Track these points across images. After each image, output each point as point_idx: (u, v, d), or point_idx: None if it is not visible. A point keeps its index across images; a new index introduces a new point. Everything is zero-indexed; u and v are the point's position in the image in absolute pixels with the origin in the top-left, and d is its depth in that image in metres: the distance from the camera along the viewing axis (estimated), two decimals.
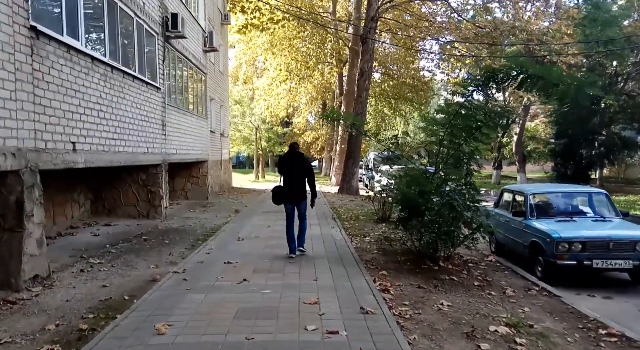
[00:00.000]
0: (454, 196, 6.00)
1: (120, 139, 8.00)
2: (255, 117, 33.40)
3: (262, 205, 14.74)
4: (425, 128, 7.95)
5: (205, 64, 15.40)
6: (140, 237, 8.30)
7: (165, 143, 10.65)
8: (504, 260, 7.63)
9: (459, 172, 6.34)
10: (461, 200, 5.98)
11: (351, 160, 19.53)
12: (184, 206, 13.69)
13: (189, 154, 12.93)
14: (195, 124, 13.82)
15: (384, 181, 10.99)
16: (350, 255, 7.15)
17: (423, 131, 8.11)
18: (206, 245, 7.76)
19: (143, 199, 10.27)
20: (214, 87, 19.23)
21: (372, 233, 9.33)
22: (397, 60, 30.17)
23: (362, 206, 14.50)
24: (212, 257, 6.91)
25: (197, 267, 6.24)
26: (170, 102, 11.19)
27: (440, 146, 6.79)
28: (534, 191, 7.79)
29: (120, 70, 7.97)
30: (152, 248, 7.49)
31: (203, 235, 8.82)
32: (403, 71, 30.96)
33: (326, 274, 5.96)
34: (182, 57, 12.30)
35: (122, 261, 6.52)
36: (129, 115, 8.43)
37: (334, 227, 10.02)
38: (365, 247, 7.95)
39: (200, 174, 15.47)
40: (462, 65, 26.92)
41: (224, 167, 21.71)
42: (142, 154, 9.09)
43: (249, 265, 6.35)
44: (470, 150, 6.65)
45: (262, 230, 9.43)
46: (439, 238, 6.07)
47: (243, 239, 8.43)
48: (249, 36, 25.93)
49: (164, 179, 10.47)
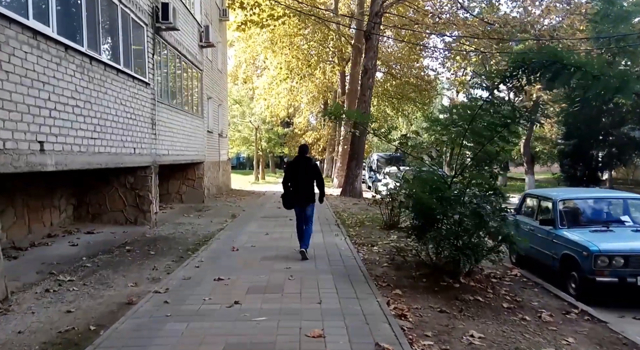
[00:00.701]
0: (482, 204, 5.17)
1: (101, 138, 7.19)
2: (255, 117, 32.61)
3: (261, 209, 13.93)
4: (429, 128, 7.13)
5: (201, 60, 14.60)
6: (123, 247, 7.48)
7: (156, 143, 9.84)
8: (528, 274, 6.80)
9: (484, 176, 5.51)
10: (489, 208, 5.14)
11: (354, 161, 18.69)
12: (177, 210, 12.88)
13: (182, 155, 12.12)
14: (190, 123, 13.01)
15: (391, 184, 10.18)
16: (358, 270, 6.33)
17: (426, 132, 7.25)
18: (196, 257, 6.94)
19: (130, 203, 9.45)
20: (211, 86, 18.44)
21: (381, 242, 8.51)
22: (401, 59, 29.40)
23: (366, 210, 13.68)
24: (202, 271, 6.09)
25: (182, 285, 5.42)
26: (161, 99, 10.39)
27: (461, 147, 5.96)
28: (564, 196, 6.95)
29: (101, 62, 7.17)
30: (135, 261, 6.67)
31: (194, 245, 8.00)
32: (406, 70, 30.20)
33: (332, 294, 5.13)
34: (175, 51, 11.50)
35: (97, 278, 5.70)
36: (112, 112, 7.62)
37: (338, 234, 9.20)
38: (374, 259, 7.12)
39: (196, 176, 14.67)
40: (468, 63, 26.13)
41: (222, 168, 20.91)
42: (127, 155, 8.29)
43: (243, 283, 5.53)
44: (495, 150, 5.83)
45: (259, 239, 8.61)
46: (462, 253, 5.24)
47: (238, 249, 7.62)
48: (249, 33, 25.15)
49: (154, 182, 9.66)
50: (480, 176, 5.47)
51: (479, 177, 5.45)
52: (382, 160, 24.73)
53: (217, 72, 19.93)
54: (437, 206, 5.64)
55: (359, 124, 7.40)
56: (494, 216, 5.07)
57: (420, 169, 7.17)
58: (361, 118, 6.51)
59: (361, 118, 6.51)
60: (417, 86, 28.99)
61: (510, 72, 5.57)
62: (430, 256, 6.35)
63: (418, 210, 6.45)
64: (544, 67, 5.35)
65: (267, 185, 28.51)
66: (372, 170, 24.86)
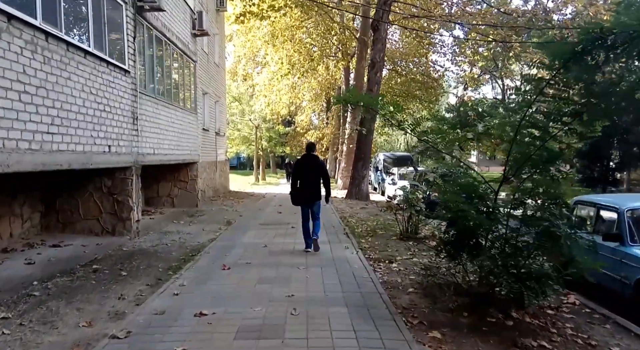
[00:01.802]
0: (555, 220, 3.84)
1: (62, 133, 5.89)
2: (255, 115, 31.28)
3: (260, 214, 12.62)
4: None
5: (194, 51, 13.30)
6: (90, 266, 6.17)
7: (138, 141, 8.54)
8: (587, 300, 5.48)
9: (554, 182, 4.16)
10: (565, 227, 3.80)
11: (361, 161, 17.39)
12: (168, 216, 11.59)
13: (171, 155, 10.82)
14: (181, 119, 11.71)
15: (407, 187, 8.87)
16: (378, 298, 5.01)
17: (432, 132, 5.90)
18: (177, 279, 5.64)
19: (107, 210, 8.16)
20: (207, 80, 17.16)
21: (400, 257, 7.20)
22: (407, 55, 28.09)
23: (376, 216, 12.38)
24: (181, 301, 4.79)
25: (151, 325, 4.11)
26: (145, 91, 9.09)
27: (513, 143, 4.64)
28: (632, 205, 5.61)
29: (62, 41, 5.87)
30: (99, 285, 5.36)
31: (178, 261, 6.70)
32: (412, 67, 28.89)
33: (349, 340, 3.82)
34: (162, 37, 10.19)
35: (42, 314, 4.39)
36: (78, 102, 6.32)
37: (348, 246, 7.89)
38: (395, 282, 5.80)
39: (189, 177, 13.36)
40: (479, 58, 24.82)
41: (220, 169, 19.61)
42: (100, 153, 6.99)
43: (232, 320, 4.23)
44: (558, 148, 4.51)
45: (256, 253, 7.30)
46: (524, 285, 3.91)
47: (230, 267, 6.31)
48: (248, 26, 23.86)
49: (135, 185, 8.36)
50: (547, 182, 4.13)
51: (544, 184, 4.11)
52: (389, 161, 23.40)
53: (214, 66, 18.65)
54: (484, 221, 4.33)
55: (389, 114, 5.98)
56: (569, 237, 3.74)
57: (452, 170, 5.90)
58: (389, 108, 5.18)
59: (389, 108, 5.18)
60: (423, 83, 27.68)
61: (583, 47, 4.24)
62: (469, 281, 5.04)
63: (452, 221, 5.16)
64: (631, 40, 4.02)
65: (268, 186, 27.20)
66: (378, 171, 23.51)
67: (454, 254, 5.24)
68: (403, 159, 24.06)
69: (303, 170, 7.34)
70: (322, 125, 34.39)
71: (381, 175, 22.53)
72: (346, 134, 22.17)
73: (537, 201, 4.33)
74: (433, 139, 5.50)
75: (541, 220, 3.90)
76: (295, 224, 10.44)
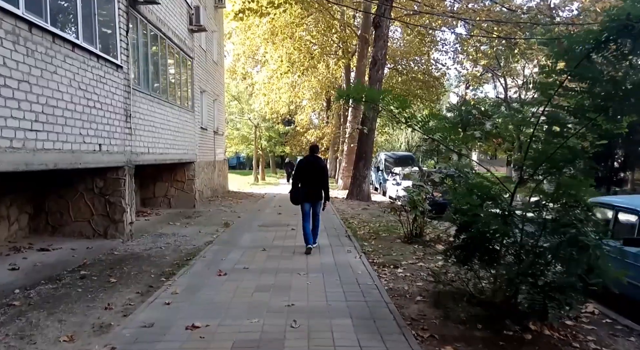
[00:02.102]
0: (582, 227, 3.48)
1: (47, 131, 5.54)
2: (254, 114, 30.91)
3: (260, 215, 12.27)
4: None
5: (191, 47, 12.95)
6: (78, 272, 5.81)
7: (131, 139, 8.19)
8: (605, 309, 5.13)
9: (575, 182, 3.80)
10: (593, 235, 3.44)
11: (362, 161, 17.03)
12: (163, 217, 11.24)
13: (167, 154, 10.46)
14: (177, 118, 11.36)
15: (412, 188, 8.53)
16: (384, 308, 4.66)
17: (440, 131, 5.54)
18: (170, 287, 5.29)
19: (99, 212, 7.81)
20: (205, 78, 16.80)
21: (405, 261, 6.84)
22: (408, 54, 27.73)
23: (379, 217, 12.03)
24: (172, 311, 4.44)
25: (138, 339, 3.76)
26: (139, 87, 8.74)
27: (530, 141, 4.29)
28: None
29: (47, 32, 5.51)
30: (85, 294, 5.01)
31: (172, 266, 6.35)
32: (413, 66, 28.53)
33: None
34: (158, 32, 9.84)
35: (20, 326, 4.03)
36: (65, 97, 5.97)
37: (351, 250, 7.54)
38: (402, 289, 5.45)
39: (186, 177, 13.03)
40: (482, 56, 24.47)
41: (219, 169, 19.27)
42: (90, 152, 6.64)
43: (226, 334, 3.88)
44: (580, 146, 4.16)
45: (254, 257, 6.96)
46: (548, 297, 3.55)
47: (226, 273, 5.95)
48: (247, 24, 23.49)
49: (129, 185, 8.01)
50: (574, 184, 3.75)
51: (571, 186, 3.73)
52: (390, 160, 23.05)
53: (212, 63, 18.30)
54: (501, 226, 3.98)
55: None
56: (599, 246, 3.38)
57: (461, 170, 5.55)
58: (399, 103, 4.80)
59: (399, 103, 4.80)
60: (424, 82, 27.33)
61: (607, 36, 3.89)
62: (483, 289, 4.69)
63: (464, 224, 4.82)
64: None
65: (267, 186, 26.84)
66: (379, 171, 23.16)
67: (465, 260, 4.91)
68: (405, 158, 23.72)
69: (305, 171, 7.40)
70: (323, 125, 34.02)
71: (382, 175, 22.18)
72: (347, 133, 21.81)
73: (559, 204, 3.98)
74: (442, 137, 5.15)
75: (566, 226, 3.54)
76: (295, 225, 10.11)
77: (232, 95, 31.76)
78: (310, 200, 7.39)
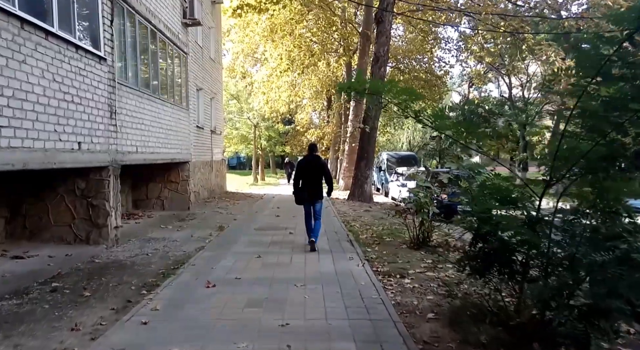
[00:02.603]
0: (635, 241, 2.89)
1: (16, 126, 4.97)
2: (253, 113, 30.33)
3: (257, 217, 11.69)
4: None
5: (185, 42, 12.37)
6: (49, 284, 5.23)
7: (117, 137, 7.62)
8: None
9: (618, 184, 3.22)
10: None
11: (364, 161, 16.45)
12: (155, 220, 10.67)
13: (158, 153, 9.88)
14: (170, 115, 10.79)
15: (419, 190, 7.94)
16: (392, 328, 4.08)
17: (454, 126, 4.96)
18: (150, 302, 4.71)
19: (81, 216, 7.24)
20: (202, 75, 16.24)
21: (412, 270, 6.25)
22: (411, 52, 27.14)
23: (381, 219, 11.45)
24: (148, 335, 3.86)
25: None
26: (126, 82, 8.17)
27: (562, 137, 3.70)
28: None
29: (14, 17, 4.94)
30: (53, 310, 4.42)
31: (156, 276, 5.77)
32: (415, 65, 27.94)
33: None
34: (147, 24, 9.27)
35: None
36: (37, 90, 5.39)
37: (353, 257, 6.95)
38: (411, 304, 4.86)
39: (180, 178, 12.46)
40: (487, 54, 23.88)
41: (216, 169, 18.70)
42: (67, 151, 6.06)
43: None
44: (621, 143, 3.58)
45: (248, 265, 6.38)
46: (590, 324, 2.96)
47: (215, 284, 5.37)
48: (246, 20, 22.93)
49: (114, 187, 7.44)
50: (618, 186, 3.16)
51: (615, 190, 3.13)
52: (392, 160, 22.48)
53: (209, 61, 17.73)
54: (532, 237, 3.40)
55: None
56: None
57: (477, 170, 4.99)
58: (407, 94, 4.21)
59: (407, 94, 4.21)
60: (426, 81, 26.73)
61: None
62: (506, 306, 4.11)
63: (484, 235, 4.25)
64: None
65: (267, 187, 26.27)
66: (381, 171, 22.57)
67: (482, 272, 4.34)
68: (407, 158, 23.16)
69: (305, 170, 7.53)
70: (323, 124, 33.43)
71: (385, 175, 21.60)
72: (348, 132, 21.22)
73: (597, 211, 3.39)
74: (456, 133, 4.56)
75: (613, 238, 2.95)
76: (293, 229, 9.55)
77: (230, 94, 31.20)
78: (310, 200, 7.50)
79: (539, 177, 4.19)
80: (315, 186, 7.48)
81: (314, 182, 7.47)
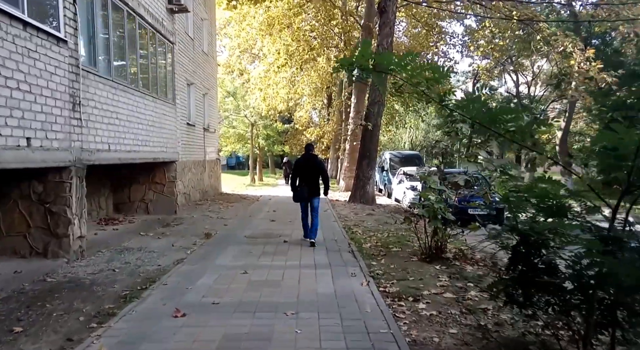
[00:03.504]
0: None
1: None
2: (250, 111, 29.26)
3: (249, 222, 10.65)
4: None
5: (172, 31, 11.34)
6: None
7: (82, 133, 6.58)
8: None
9: None
10: None
11: (366, 160, 15.40)
12: (136, 226, 9.65)
13: (136, 152, 8.83)
14: (153, 110, 9.74)
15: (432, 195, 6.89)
16: None
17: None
18: (98, 340, 3.66)
19: (37, 224, 6.19)
20: (193, 69, 15.21)
21: (427, 290, 5.19)
22: (414, 48, 26.07)
23: (386, 224, 10.43)
24: None
25: None
26: (95, 70, 7.13)
27: None
28: None
29: None
30: None
31: (116, 301, 4.72)
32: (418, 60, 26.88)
33: None
34: (123, 6, 8.22)
35: None
36: None
37: (355, 273, 5.89)
38: (430, 341, 3.80)
39: (166, 179, 11.41)
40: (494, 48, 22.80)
41: (210, 169, 17.68)
42: (12, 148, 5.02)
43: None
44: None
45: (231, 284, 5.33)
46: None
47: (185, 313, 4.31)
48: (242, 13, 21.91)
49: (77, 190, 6.40)
50: None
51: None
52: (395, 160, 21.42)
53: (201, 54, 16.70)
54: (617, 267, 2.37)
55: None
56: None
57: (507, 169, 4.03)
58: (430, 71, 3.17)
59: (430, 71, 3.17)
60: None
61: None
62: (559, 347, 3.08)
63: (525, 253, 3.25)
64: None
65: (264, 188, 25.22)
66: (384, 171, 21.52)
67: (525, 301, 3.35)
68: (411, 157, 22.10)
69: (303, 169, 7.76)
70: (323, 122, 32.36)
71: (388, 175, 20.55)
72: (349, 130, 20.16)
73: None
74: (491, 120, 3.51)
75: None
76: (288, 236, 8.52)
77: (227, 91, 30.15)
78: (307, 197, 7.68)
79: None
80: (313, 184, 7.71)
81: (311, 181, 7.70)
